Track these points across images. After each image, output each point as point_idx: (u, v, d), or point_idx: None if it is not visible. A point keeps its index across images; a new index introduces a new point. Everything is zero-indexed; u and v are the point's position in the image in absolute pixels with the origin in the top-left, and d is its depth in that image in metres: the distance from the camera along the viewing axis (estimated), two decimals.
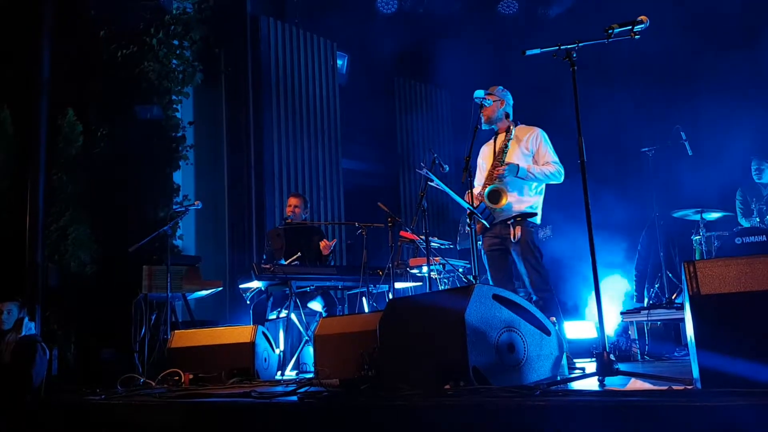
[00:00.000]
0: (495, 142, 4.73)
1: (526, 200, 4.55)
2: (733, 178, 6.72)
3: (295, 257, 5.77)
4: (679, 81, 6.98)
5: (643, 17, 3.27)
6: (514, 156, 4.56)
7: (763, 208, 6.09)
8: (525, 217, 4.48)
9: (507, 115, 4.68)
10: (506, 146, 4.55)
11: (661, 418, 2.01)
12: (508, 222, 4.47)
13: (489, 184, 4.46)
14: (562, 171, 4.52)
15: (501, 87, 4.78)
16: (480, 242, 4.62)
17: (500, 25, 9.14)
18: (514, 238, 4.42)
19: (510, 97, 4.78)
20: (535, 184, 4.57)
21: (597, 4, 7.18)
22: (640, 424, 2.04)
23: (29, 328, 5.23)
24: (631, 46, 3.41)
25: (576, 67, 3.35)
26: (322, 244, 6.01)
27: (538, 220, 4.59)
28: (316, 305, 5.99)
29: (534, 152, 4.58)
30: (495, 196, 4.39)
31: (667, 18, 6.12)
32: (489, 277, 4.68)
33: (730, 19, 6.85)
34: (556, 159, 4.56)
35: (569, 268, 6.48)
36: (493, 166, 4.53)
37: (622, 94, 6.93)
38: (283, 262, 5.75)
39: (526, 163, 4.52)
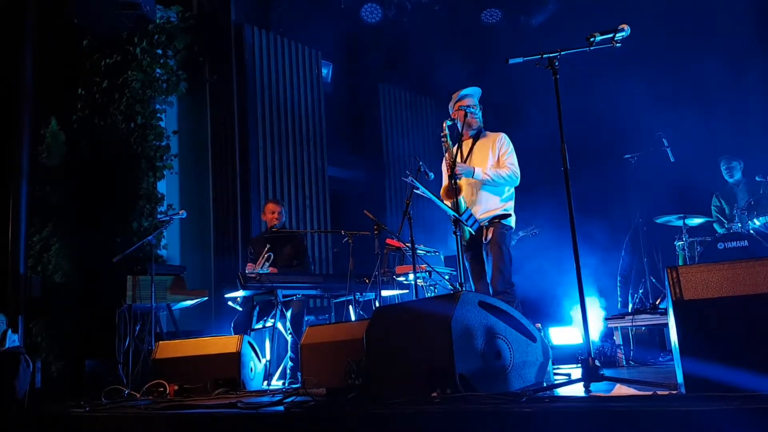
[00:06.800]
0: (461, 146, 4.80)
1: (499, 205, 4.66)
2: (714, 184, 6.79)
3: (264, 258, 5.65)
4: (661, 87, 7.04)
5: (623, 25, 3.30)
6: (480, 159, 4.69)
7: (745, 213, 6.14)
8: (499, 219, 4.60)
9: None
10: (470, 150, 4.74)
11: (645, 424, 2.03)
12: (482, 225, 4.60)
13: (447, 186, 4.60)
14: (518, 173, 4.64)
15: (476, 90, 4.86)
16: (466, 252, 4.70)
17: (484, 34, 9.20)
18: (485, 239, 4.56)
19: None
20: (507, 188, 4.68)
21: (580, 13, 7.24)
22: (625, 429, 2.05)
23: (13, 340, 5.17)
24: (612, 52, 3.44)
25: (558, 76, 3.38)
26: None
27: (511, 222, 4.68)
28: None
29: (499, 155, 4.69)
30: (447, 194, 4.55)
31: (649, 22, 6.18)
32: (472, 287, 4.73)
33: (711, 22, 6.94)
34: (514, 162, 4.67)
35: (553, 273, 6.51)
36: (452, 167, 4.59)
37: (604, 99, 6.98)
38: (263, 270, 5.62)
39: (489, 166, 4.64)
